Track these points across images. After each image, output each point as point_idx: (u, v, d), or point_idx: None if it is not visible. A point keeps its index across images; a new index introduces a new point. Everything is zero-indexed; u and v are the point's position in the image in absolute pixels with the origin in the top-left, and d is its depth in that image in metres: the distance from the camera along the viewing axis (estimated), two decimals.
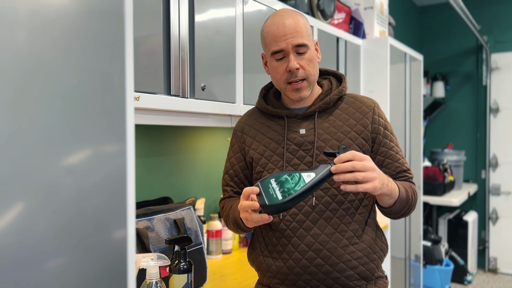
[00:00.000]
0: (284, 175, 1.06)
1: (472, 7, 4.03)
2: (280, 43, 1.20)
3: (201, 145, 2.04)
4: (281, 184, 1.04)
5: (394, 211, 1.21)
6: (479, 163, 4.46)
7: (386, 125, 1.28)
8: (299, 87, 1.22)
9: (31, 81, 0.49)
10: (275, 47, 1.21)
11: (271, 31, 1.22)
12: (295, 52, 1.20)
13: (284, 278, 1.22)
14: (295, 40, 1.19)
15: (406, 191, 1.21)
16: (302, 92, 1.23)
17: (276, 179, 1.05)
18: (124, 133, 0.58)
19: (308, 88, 1.24)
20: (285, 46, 1.19)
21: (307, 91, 1.24)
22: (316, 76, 1.26)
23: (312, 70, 1.23)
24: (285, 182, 1.04)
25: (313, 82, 1.25)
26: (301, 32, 1.20)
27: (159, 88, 1.30)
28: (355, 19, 2.62)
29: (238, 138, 1.34)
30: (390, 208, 1.19)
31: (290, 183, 1.04)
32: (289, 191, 1.03)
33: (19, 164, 0.48)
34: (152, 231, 1.39)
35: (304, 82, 1.22)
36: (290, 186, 1.03)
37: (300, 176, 1.05)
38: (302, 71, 1.21)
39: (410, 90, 2.99)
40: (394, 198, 1.16)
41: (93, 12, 0.55)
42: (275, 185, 1.04)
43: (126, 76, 0.58)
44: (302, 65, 1.21)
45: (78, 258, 0.53)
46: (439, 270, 3.53)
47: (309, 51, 1.22)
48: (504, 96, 4.29)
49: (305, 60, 1.21)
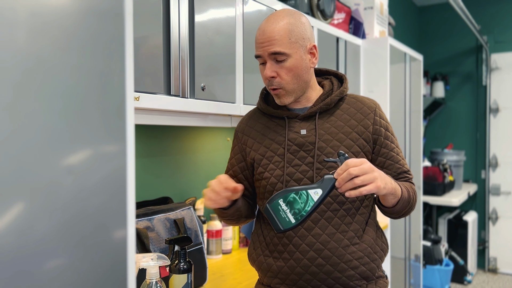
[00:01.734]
0: (291, 194, 1.08)
1: (472, 7, 4.03)
2: (258, 49, 1.20)
3: (201, 145, 2.04)
4: (290, 205, 1.07)
5: (396, 210, 1.21)
6: (479, 163, 4.46)
7: (387, 126, 1.29)
8: (277, 94, 1.22)
9: (31, 81, 0.49)
10: (256, 51, 1.22)
11: (256, 35, 1.23)
12: (273, 59, 1.19)
13: (285, 278, 1.22)
14: (271, 48, 1.17)
15: (408, 191, 1.22)
16: (281, 99, 1.23)
17: (284, 199, 1.08)
18: (124, 133, 0.58)
19: (288, 96, 1.22)
20: (262, 53, 1.20)
21: (287, 98, 1.23)
22: (299, 85, 1.22)
23: (291, 79, 1.20)
24: (294, 202, 1.07)
25: (292, 90, 1.22)
26: (281, 40, 1.16)
27: (159, 88, 1.30)
28: (355, 19, 2.62)
29: (239, 139, 1.34)
30: (393, 207, 1.20)
31: (299, 204, 1.07)
32: (300, 212, 1.07)
33: (19, 164, 0.48)
34: (152, 231, 1.39)
35: (281, 90, 1.21)
36: (301, 207, 1.07)
37: (307, 194, 1.07)
38: (278, 80, 1.20)
39: (410, 90, 2.99)
40: (397, 197, 1.16)
41: (93, 12, 0.55)
42: (285, 207, 1.07)
43: (126, 76, 0.58)
44: (279, 73, 1.19)
45: (78, 258, 0.53)
46: (439, 270, 3.54)
47: (290, 59, 1.18)
48: (504, 96, 4.29)
49: (283, 69, 1.19)
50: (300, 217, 1.06)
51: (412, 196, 1.24)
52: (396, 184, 1.16)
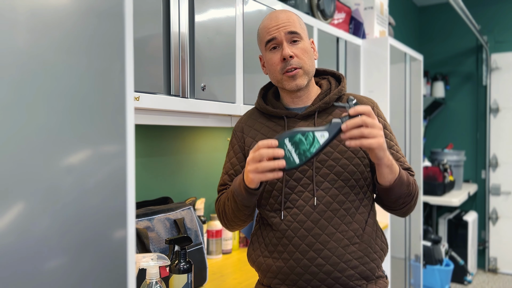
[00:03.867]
0: (297, 135, 1.07)
1: (472, 7, 4.03)
2: (273, 32, 1.23)
3: (201, 145, 2.04)
4: (296, 146, 1.06)
5: (395, 193, 1.17)
6: (479, 163, 4.46)
7: (385, 125, 1.29)
8: (294, 74, 1.22)
9: (31, 81, 0.49)
10: (268, 36, 1.24)
11: (264, 25, 1.26)
12: (288, 40, 1.22)
13: (285, 278, 1.22)
14: (287, 28, 1.22)
15: (407, 175, 1.20)
16: (297, 80, 1.23)
17: (290, 139, 1.07)
18: (124, 133, 0.58)
19: (304, 77, 1.23)
20: (277, 35, 1.22)
21: (303, 80, 1.23)
22: (312, 68, 1.26)
23: (307, 60, 1.23)
24: (300, 143, 1.06)
25: (308, 71, 1.24)
26: (294, 23, 1.23)
27: (159, 88, 1.31)
28: (355, 19, 2.62)
29: (239, 139, 1.34)
30: (390, 186, 1.15)
31: (305, 145, 1.06)
32: (305, 153, 1.06)
33: (19, 164, 0.48)
34: (152, 231, 1.39)
35: (300, 70, 1.22)
36: (306, 148, 1.06)
37: (313, 136, 1.06)
38: (297, 59, 1.22)
39: (410, 90, 2.99)
40: (394, 174, 1.14)
41: (93, 12, 0.55)
42: (290, 147, 1.06)
43: (126, 76, 0.58)
44: (296, 53, 1.22)
45: (78, 258, 0.53)
46: (439, 270, 3.53)
47: (303, 41, 1.24)
48: (504, 96, 4.29)
49: (299, 49, 1.23)
50: (305, 158, 1.05)
51: (412, 184, 1.21)
52: (395, 162, 1.15)
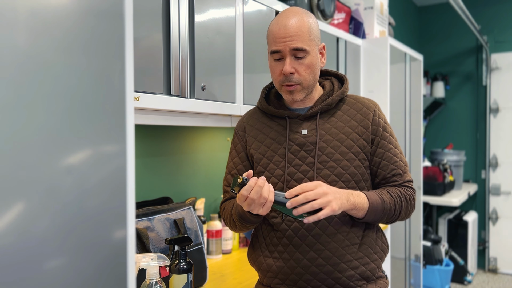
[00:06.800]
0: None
1: (472, 7, 4.03)
2: (278, 44, 1.19)
3: (201, 145, 2.04)
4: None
5: (371, 220, 1.20)
6: (479, 163, 4.46)
7: (385, 127, 1.28)
8: (292, 90, 1.22)
9: (31, 81, 0.49)
10: (273, 47, 1.21)
11: (273, 30, 1.21)
12: (293, 55, 1.19)
13: (285, 278, 1.22)
14: (293, 44, 1.17)
15: (392, 199, 1.20)
16: (294, 95, 1.22)
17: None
18: (124, 133, 0.58)
19: (302, 92, 1.23)
20: (282, 48, 1.19)
21: (300, 95, 1.23)
22: (313, 82, 1.24)
23: (308, 76, 1.21)
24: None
25: (308, 87, 1.23)
26: (302, 36, 1.18)
27: (159, 88, 1.30)
28: (355, 19, 2.62)
29: (241, 138, 1.34)
30: (364, 219, 1.19)
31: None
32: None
33: (19, 165, 0.48)
34: (152, 231, 1.39)
35: (298, 86, 1.21)
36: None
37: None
38: (297, 76, 1.20)
39: (410, 90, 2.99)
40: (363, 210, 1.15)
41: (93, 12, 0.55)
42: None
43: (126, 76, 0.58)
44: (298, 70, 1.19)
45: (78, 258, 0.53)
46: (439, 270, 3.53)
47: (309, 56, 1.20)
48: (504, 96, 4.29)
49: (302, 66, 1.20)
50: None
51: (397, 203, 1.21)
52: (361, 198, 1.15)
